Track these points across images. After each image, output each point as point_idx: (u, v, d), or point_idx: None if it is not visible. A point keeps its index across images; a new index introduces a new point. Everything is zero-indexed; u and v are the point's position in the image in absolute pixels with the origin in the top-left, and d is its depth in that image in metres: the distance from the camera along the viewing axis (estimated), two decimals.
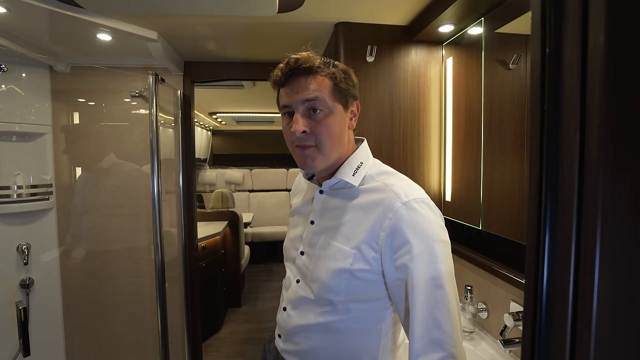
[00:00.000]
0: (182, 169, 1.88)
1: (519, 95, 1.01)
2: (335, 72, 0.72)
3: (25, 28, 1.37)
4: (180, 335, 1.89)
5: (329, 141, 0.72)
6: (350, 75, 0.76)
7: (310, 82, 0.71)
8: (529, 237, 0.37)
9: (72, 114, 1.80)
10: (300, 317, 0.77)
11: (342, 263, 0.71)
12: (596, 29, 0.30)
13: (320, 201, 0.79)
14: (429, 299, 0.63)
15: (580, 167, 0.32)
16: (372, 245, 0.69)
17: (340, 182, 0.76)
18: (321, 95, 0.70)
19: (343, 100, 0.73)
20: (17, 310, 1.37)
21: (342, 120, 0.74)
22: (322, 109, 0.71)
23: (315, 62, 0.71)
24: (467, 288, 1.27)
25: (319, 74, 0.71)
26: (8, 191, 1.60)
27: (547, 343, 0.35)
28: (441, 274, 0.64)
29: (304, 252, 0.80)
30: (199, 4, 1.18)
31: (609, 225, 0.31)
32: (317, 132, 0.71)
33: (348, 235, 0.72)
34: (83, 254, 1.82)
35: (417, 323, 0.63)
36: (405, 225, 0.66)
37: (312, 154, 0.73)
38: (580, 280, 0.32)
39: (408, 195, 0.68)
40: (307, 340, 0.77)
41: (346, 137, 0.76)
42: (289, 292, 0.82)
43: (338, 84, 0.72)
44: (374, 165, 0.79)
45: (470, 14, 1.17)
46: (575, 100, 0.32)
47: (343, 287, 0.71)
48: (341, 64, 0.76)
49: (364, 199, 0.73)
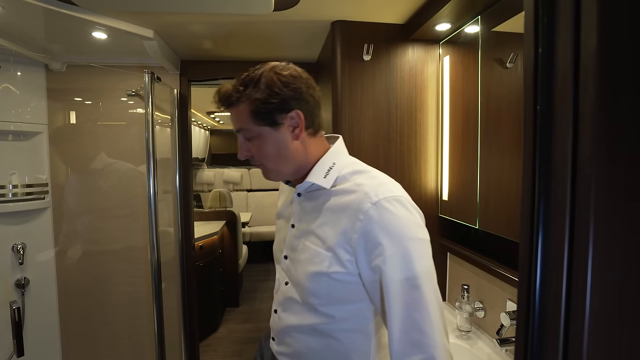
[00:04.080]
0: (178, 168, 1.87)
1: (515, 93, 1.01)
2: (253, 96, 0.69)
3: (20, 26, 1.36)
4: (178, 335, 1.88)
5: (269, 162, 0.74)
6: (275, 88, 0.69)
7: (233, 114, 0.73)
8: (522, 237, 0.37)
9: (68, 113, 1.79)
10: (289, 318, 0.78)
11: (319, 266, 0.70)
12: (588, 29, 0.30)
13: (298, 204, 0.79)
14: (406, 300, 0.63)
15: (573, 166, 0.32)
16: (346, 248, 0.68)
17: (313, 185, 0.74)
18: (243, 125, 0.72)
19: (268, 121, 0.70)
20: (11, 310, 1.36)
21: (275, 140, 0.72)
22: (251, 135, 0.72)
23: (231, 95, 0.71)
24: (464, 287, 1.27)
25: (238, 104, 0.71)
26: (3, 190, 1.59)
27: (540, 344, 0.35)
28: (416, 274, 0.63)
29: (287, 256, 0.80)
30: (196, 2, 1.17)
31: (601, 223, 0.31)
32: (256, 155, 0.74)
33: (323, 238, 0.71)
34: (79, 253, 1.81)
35: (395, 325, 0.63)
36: (376, 227, 0.65)
37: (264, 171, 0.77)
38: (573, 278, 0.32)
39: (378, 195, 0.67)
40: (298, 341, 0.77)
41: (294, 150, 0.73)
42: (278, 295, 0.82)
43: (257, 109, 0.69)
44: (348, 165, 0.76)
45: (466, 13, 1.17)
46: (568, 99, 0.32)
47: (323, 290, 0.71)
48: (267, 76, 0.70)
49: (336, 201, 0.72)
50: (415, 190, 1.44)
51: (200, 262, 2.57)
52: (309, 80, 0.75)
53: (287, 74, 0.71)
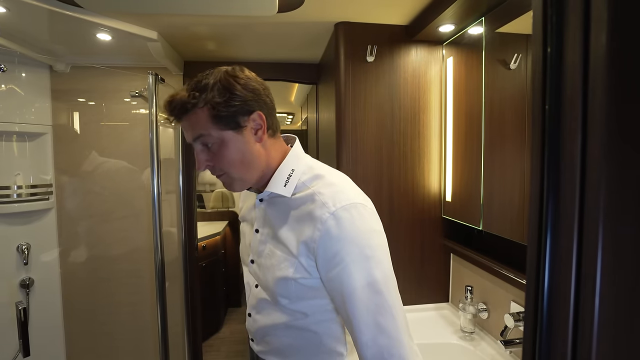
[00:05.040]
0: (182, 168, 1.88)
1: (519, 95, 1.01)
2: (211, 99, 0.66)
3: (25, 28, 1.37)
4: (181, 335, 1.89)
5: (234, 169, 0.70)
6: (235, 92, 0.67)
7: (190, 121, 0.68)
8: (530, 238, 0.37)
9: (72, 113, 1.79)
10: (263, 320, 0.80)
11: (285, 272, 0.71)
12: (598, 28, 0.30)
13: (261, 210, 0.79)
14: (369, 306, 0.63)
15: (582, 168, 0.32)
16: (308, 256, 0.68)
17: (273, 193, 0.74)
18: (203, 130, 0.67)
19: (231, 124, 0.68)
20: (17, 310, 1.36)
21: (239, 143, 0.69)
22: (212, 142, 0.68)
23: (186, 100, 0.66)
24: (468, 288, 1.26)
25: (195, 109, 0.67)
26: (8, 191, 1.59)
27: (548, 345, 0.35)
28: (377, 279, 0.64)
29: (253, 261, 0.80)
30: (199, 4, 1.17)
31: (611, 226, 0.31)
32: (219, 163, 0.70)
33: (287, 245, 0.71)
34: (83, 253, 1.82)
35: (362, 332, 0.63)
36: (333, 236, 0.65)
37: (226, 180, 0.73)
38: (581, 282, 0.32)
39: (336, 204, 0.66)
40: (275, 339, 0.79)
41: (257, 154, 0.72)
42: (250, 298, 0.84)
43: (217, 113, 0.66)
44: (307, 170, 0.75)
45: (470, 14, 1.16)
46: (577, 99, 0.32)
47: (292, 292, 0.72)
48: (224, 79, 0.68)
49: (297, 210, 0.71)
50: (418, 191, 1.44)
51: (202, 263, 2.58)
52: (263, 82, 0.74)
53: (243, 76, 0.70)
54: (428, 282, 1.49)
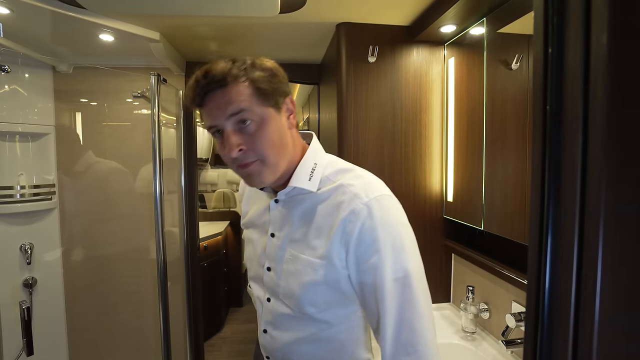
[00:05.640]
0: (184, 168, 1.88)
1: (521, 95, 1.01)
2: (254, 74, 0.63)
3: (28, 29, 1.38)
4: (182, 335, 1.89)
5: (272, 151, 0.64)
6: (274, 72, 0.66)
7: (229, 94, 0.62)
8: (531, 239, 0.37)
9: (74, 114, 1.80)
10: (284, 336, 0.74)
11: (312, 276, 0.67)
12: (599, 29, 0.30)
13: (278, 211, 0.73)
14: (399, 299, 0.62)
15: (583, 168, 0.32)
16: (339, 252, 0.65)
17: (295, 190, 0.70)
18: (245, 105, 0.62)
19: (271, 102, 0.64)
20: (21, 309, 1.37)
21: (279, 124, 0.66)
22: (252, 119, 0.62)
23: (230, 70, 0.62)
24: (469, 288, 1.26)
25: (236, 83, 0.62)
26: (11, 191, 1.60)
27: (549, 345, 0.35)
28: (409, 273, 0.63)
29: (270, 268, 0.74)
30: (201, 5, 1.18)
31: (611, 226, 0.31)
32: (255, 146, 0.63)
33: (314, 245, 0.67)
34: (85, 253, 1.83)
35: (389, 325, 0.62)
36: (368, 227, 0.63)
37: (257, 170, 0.65)
38: (582, 282, 0.32)
39: (368, 194, 0.64)
40: (300, 354, 0.74)
41: (290, 139, 0.68)
42: (264, 314, 0.78)
43: (261, 87, 0.63)
44: (329, 164, 0.72)
45: (472, 15, 1.17)
46: (578, 100, 0.32)
47: (320, 298, 0.68)
48: (261, 61, 0.66)
49: (324, 204, 0.68)
50: (419, 191, 1.44)
51: (204, 263, 2.58)
52: None
53: (273, 62, 0.68)
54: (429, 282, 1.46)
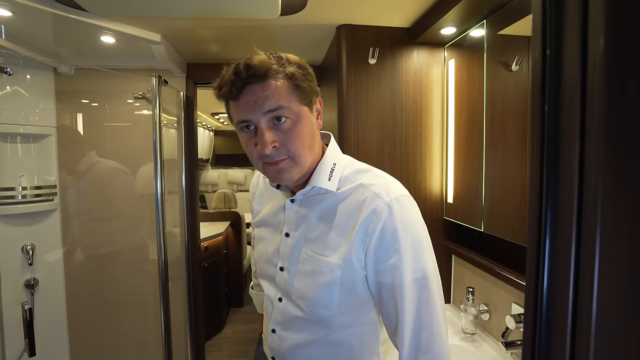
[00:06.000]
0: (184, 169, 1.89)
1: (521, 96, 1.01)
2: (293, 71, 0.63)
3: (30, 31, 1.38)
4: (183, 335, 1.90)
5: (303, 150, 0.64)
6: (308, 70, 0.66)
7: (269, 90, 0.61)
8: (530, 241, 0.37)
9: (75, 115, 1.81)
10: (294, 337, 0.73)
11: (330, 276, 0.66)
12: (596, 33, 0.31)
13: (294, 211, 0.73)
14: (416, 300, 0.63)
15: (580, 172, 0.32)
16: (359, 252, 0.65)
17: (314, 189, 0.70)
18: (284, 102, 0.62)
19: (307, 100, 0.65)
20: (23, 310, 1.37)
21: (311, 123, 0.67)
22: (288, 116, 0.62)
23: (271, 65, 0.61)
24: (469, 290, 1.27)
25: (276, 78, 0.62)
26: (13, 192, 1.61)
27: (547, 347, 0.35)
28: (427, 274, 0.64)
29: (283, 268, 0.74)
30: (203, 7, 1.18)
31: (608, 229, 0.31)
32: (288, 143, 0.63)
33: (333, 245, 0.67)
34: (87, 254, 1.83)
35: (407, 325, 0.62)
36: (389, 227, 0.63)
37: (286, 167, 0.65)
38: (580, 285, 0.32)
39: (390, 194, 0.64)
40: (308, 357, 0.73)
41: (317, 140, 0.70)
42: (274, 313, 0.76)
43: (299, 84, 0.63)
44: (348, 165, 0.72)
45: (472, 17, 1.17)
46: (576, 101, 0.32)
47: (335, 300, 0.67)
48: (294, 57, 0.66)
49: (344, 203, 0.67)
50: (420, 192, 1.44)
51: (205, 263, 2.59)
52: None
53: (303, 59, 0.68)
54: None
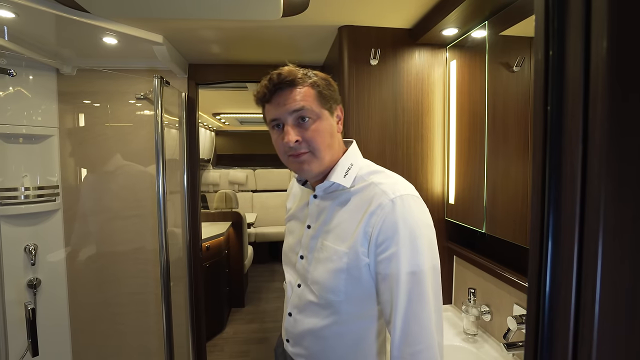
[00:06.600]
0: (186, 169, 1.89)
1: (523, 97, 1.01)
2: (316, 81, 0.77)
3: (33, 32, 1.39)
4: (185, 335, 1.90)
5: (321, 145, 0.76)
6: (330, 82, 0.81)
7: (295, 94, 0.75)
8: (532, 243, 0.37)
9: (77, 115, 1.81)
10: (307, 321, 0.81)
11: (338, 263, 0.74)
12: (598, 34, 0.31)
13: (315, 205, 0.83)
14: (409, 292, 0.67)
15: (583, 174, 0.32)
16: (363, 243, 0.72)
17: (334, 185, 0.79)
18: (307, 104, 0.74)
19: (327, 106, 0.78)
20: (26, 310, 1.38)
21: (330, 125, 0.78)
22: (310, 117, 0.75)
23: (298, 75, 0.75)
24: (471, 291, 1.26)
25: (302, 85, 0.75)
26: (15, 193, 1.61)
27: (549, 349, 0.35)
28: (423, 269, 0.68)
29: (303, 256, 0.83)
30: (205, 9, 1.19)
31: (611, 231, 0.31)
32: (309, 139, 0.75)
33: (341, 236, 0.75)
34: (89, 254, 1.84)
35: (399, 315, 0.68)
36: (391, 221, 0.69)
37: (307, 159, 0.76)
38: (582, 287, 0.33)
39: (395, 192, 0.72)
40: (316, 344, 0.80)
41: (336, 140, 0.80)
42: (292, 298, 0.86)
43: (321, 91, 0.76)
44: (365, 166, 0.81)
45: (474, 18, 1.17)
46: (578, 103, 0.32)
47: (342, 287, 0.74)
48: (320, 73, 0.81)
49: (355, 199, 0.76)
50: (421, 193, 1.41)
51: (206, 263, 2.59)
52: None
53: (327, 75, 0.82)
54: None
